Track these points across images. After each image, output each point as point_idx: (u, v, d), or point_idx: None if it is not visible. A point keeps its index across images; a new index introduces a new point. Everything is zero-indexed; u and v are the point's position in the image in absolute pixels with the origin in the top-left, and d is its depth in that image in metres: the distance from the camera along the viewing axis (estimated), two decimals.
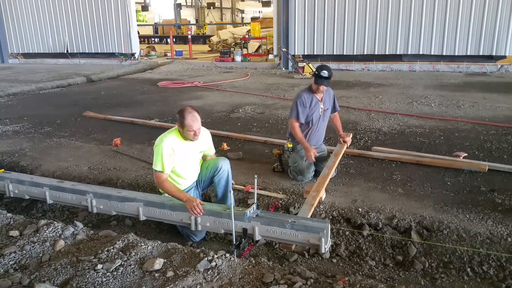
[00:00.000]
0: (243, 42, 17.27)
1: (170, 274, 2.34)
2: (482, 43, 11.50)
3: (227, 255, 2.53)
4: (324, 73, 3.79)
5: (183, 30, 30.72)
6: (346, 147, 4.24)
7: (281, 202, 3.60)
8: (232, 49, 17.71)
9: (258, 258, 2.63)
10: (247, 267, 2.43)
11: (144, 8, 32.81)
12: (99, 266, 2.42)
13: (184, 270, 2.37)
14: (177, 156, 3.13)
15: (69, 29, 16.65)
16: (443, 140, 5.24)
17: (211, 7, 36.95)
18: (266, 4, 31.98)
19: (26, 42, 17.42)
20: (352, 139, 4.38)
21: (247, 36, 17.93)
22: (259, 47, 17.61)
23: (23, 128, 6.51)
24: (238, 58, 15.46)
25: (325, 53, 13.00)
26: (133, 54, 16.22)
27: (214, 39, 23.44)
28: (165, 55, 19.64)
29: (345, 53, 12.85)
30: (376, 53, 12.55)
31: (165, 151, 3.06)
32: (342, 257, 3.03)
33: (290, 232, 2.72)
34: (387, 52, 12.47)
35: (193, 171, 3.39)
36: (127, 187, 4.02)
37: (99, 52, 16.57)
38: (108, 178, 4.31)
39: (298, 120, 3.94)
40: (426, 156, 4.52)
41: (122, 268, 2.41)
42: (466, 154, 4.50)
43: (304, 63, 11.82)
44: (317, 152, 4.12)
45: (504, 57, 11.52)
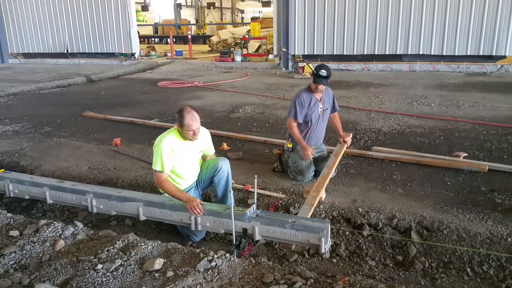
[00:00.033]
0: (243, 42, 17.27)
1: (170, 274, 2.35)
2: (482, 43, 11.50)
3: (227, 255, 2.53)
4: (323, 73, 3.79)
5: (183, 30, 30.72)
6: (346, 147, 4.24)
7: (281, 202, 3.60)
8: (232, 49, 17.71)
9: (258, 258, 2.63)
10: (247, 267, 2.43)
11: (144, 8, 32.81)
12: (99, 266, 2.42)
13: (184, 270, 2.37)
14: (176, 156, 3.13)
15: (69, 29, 16.65)
16: (443, 140, 5.24)
17: (211, 7, 36.96)
18: (266, 4, 31.98)
19: (26, 42, 17.43)
20: (352, 139, 4.38)
21: (247, 36, 17.93)
22: (259, 47, 17.62)
23: (23, 128, 6.51)
24: (238, 58, 15.46)
25: (325, 53, 13.01)
26: (133, 54, 16.22)
27: (214, 39, 23.44)
28: (165, 55, 19.64)
29: (345, 53, 12.86)
30: (376, 53, 12.55)
31: (164, 151, 3.06)
32: (342, 257, 3.03)
33: (290, 232, 2.72)
34: (387, 52, 12.47)
35: (193, 171, 3.39)
36: (127, 187, 4.02)
37: (99, 52, 16.58)
38: (108, 178, 4.32)
39: (296, 119, 3.94)
40: (426, 156, 4.52)
41: (122, 268, 2.41)
42: (466, 154, 4.50)
43: (304, 63, 11.81)
44: (317, 152, 4.13)
45: (504, 57, 11.53)
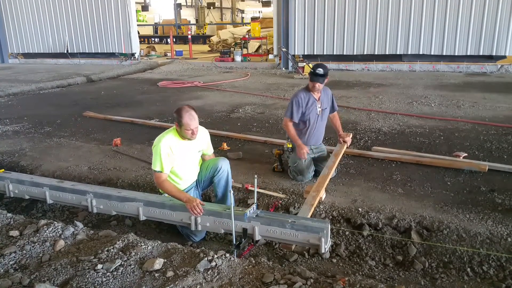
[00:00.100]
0: (243, 42, 17.27)
1: (170, 274, 2.35)
2: (482, 43, 11.50)
3: (227, 255, 2.53)
4: (319, 71, 3.80)
5: (183, 30, 30.73)
6: (346, 147, 4.24)
7: (281, 202, 3.60)
8: (232, 49, 17.71)
9: (258, 258, 2.63)
10: (247, 267, 2.43)
11: (144, 8, 32.82)
12: (99, 266, 2.42)
13: (184, 270, 2.37)
14: (175, 156, 3.13)
15: (69, 29, 16.65)
16: (443, 140, 5.24)
17: (211, 7, 36.96)
18: (266, 4, 31.98)
19: (26, 42, 17.43)
20: (352, 139, 4.38)
21: (247, 36, 17.93)
22: (259, 47, 17.62)
23: (23, 128, 6.51)
24: (238, 58, 15.46)
25: (325, 53, 13.00)
26: (133, 54, 16.22)
27: (214, 39, 23.44)
28: (165, 55, 19.64)
29: (345, 53, 12.86)
30: (376, 53, 12.55)
31: (163, 151, 3.06)
32: (342, 257, 3.03)
33: (290, 232, 2.72)
34: (387, 52, 12.47)
35: (192, 171, 3.39)
36: (127, 187, 4.02)
37: (99, 52, 16.58)
38: (108, 178, 4.32)
39: (292, 119, 3.95)
40: (426, 156, 4.52)
41: (122, 268, 2.41)
42: (466, 154, 4.50)
43: (304, 63, 11.82)
44: (316, 152, 4.14)
45: (504, 57, 11.52)
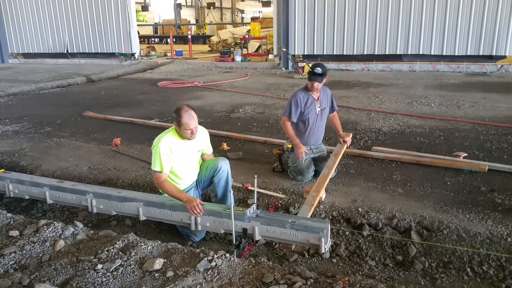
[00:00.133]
0: (243, 42, 17.27)
1: (170, 274, 2.35)
2: (482, 43, 11.50)
3: (227, 255, 2.53)
4: (318, 70, 3.81)
5: (183, 30, 30.72)
6: (346, 147, 4.24)
7: (281, 202, 3.60)
8: (232, 49, 17.70)
9: (258, 258, 2.63)
10: (247, 267, 2.43)
11: (144, 8, 32.81)
12: (99, 266, 2.42)
13: (184, 270, 2.37)
14: (175, 156, 3.13)
15: (69, 29, 16.65)
16: (443, 140, 5.24)
17: (211, 7, 36.95)
18: (266, 4, 31.97)
19: (26, 42, 17.42)
20: (352, 139, 4.38)
21: (247, 36, 17.92)
22: (259, 47, 17.61)
23: (23, 128, 6.51)
24: (238, 58, 15.46)
25: (325, 53, 13.00)
26: (133, 54, 16.22)
27: (214, 39, 23.44)
28: (165, 55, 19.63)
29: (345, 53, 12.85)
30: (376, 53, 12.55)
31: (162, 151, 3.06)
32: (342, 257, 3.03)
33: (290, 232, 2.73)
34: (387, 52, 12.47)
35: (192, 170, 3.39)
36: (127, 187, 4.02)
37: (99, 52, 16.57)
38: (108, 178, 4.32)
39: (290, 118, 3.96)
40: (426, 156, 4.52)
41: (122, 268, 2.41)
42: (466, 154, 4.50)
43: (304, 63, 11.81)
44: (316, 152, 4.14)
45: (504, 57, 11.52)
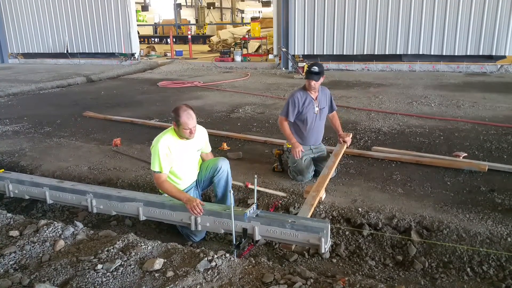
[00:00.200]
0: (243, 42, 17.26)
1: (170, 274, 2.35)
2: (482, 43, 11.50)
3: (227, 255, 2.53)
4: (314, 69, 3.83)
5: (183, 30, 30.71)
6: (346, 147, 4.24)
7: (281, 202, 3.60)
8: (232, 49, 17.70)
9: (258, 258, 2.63)
10: (247, 267, 2.43)
11: (144, 8, 32.79)
12: (99, 266, 2.42)
13: (184, 270, 2.37)
14: (174, 156, 3.12)
15: (69, 29, 16.65)
16: (443, 140, 5.24)
17: (211, 7, 36.95)
18: (266, 4, 31.98)
19: (26, 42, 17.42)
20: (352, 139, 4.38)
21: (247, 36, 17.92)
22: (259, 47, 17.61)
23: (23, 128, 6.51)
24: (238, 58, 15.45)
25: (325, 53, 13.00)
26: (133, 54, 16.21)
27: (214, 39, 23.44)
28: (165, 55, 19.63)
29: (345, 53, 12.85)
30: (376, 53, 12.54)
31: (161, 151, 3.06)
32: (342, 257, 3.03)
33: (290, 232, 2.73)
34: (387, 52, 12.47)
35: (192, 170, 3.39)
36: (127, 187, 4.03)
37: (99, 52, 16.57)
38: (108, 178, 4.32)
39: (287, 118, 3.97)
40: (426, 156, 4.52)
41: (122, 268, 2.41)
42: (466, 154, 4.50)
43: (304, 63, 11.80)
44: (316, 152, 4.14)
45: (504, 57, 11.52)
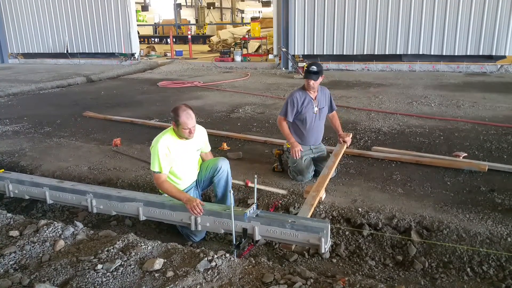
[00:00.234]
0: (243, 42, 17.27)
1: (170, 274, 2.35)
2: (482, 43, 11.50)
3: (227, 255, 2.54)
4: (313, 68, 3.83)
5: (183, 30, 30.70)
6: (346, 147, 4.24)
7: (281, 202, 3.60)
8: (232, 49, 17.70)
9: (258, 258, 2.63)
10: (247, 267, 2.43)
11: (144, 8, 32.78)
12: (99, 266, 2.42)
13: (184, 270, 2.37)
14: (173, 156, 3.12)
15: (69, 29, 16.64)
16: (443, 140, 5.24)
17: (211, 7, 36.93)
18: (266, 4, 31.97)
19: (26, 42, 17.42)
20: (352, 139, 4.38)
21: (247, 36, 17.92)
22: (259, 47, 17.61)
23: (23, 128, 6.51)
24: (238, 58, 15.45)
25: (325, 53, 13.00)
26: (133, 54, 16.21)
27: (214, 39, 23.43)
28: (165, 55, 19.63)
29: (345, 53, 12.85)
30: (376, 53, 12.54)
31: (161, 152, 3.06)
32: (342, 257, 3.03)
33: (290, 232, 2.73)
34: (387, 52, 12.46)
35: (192, 170, 3.39)
36: (127, 187, 4.03)
37: (99, 52, 16.56)
38: (108, 178, 4.32)
39: (286, 117, 3.97)
40: (426, 156, 4.52)
41: (122, 268, 2.41)
42: (466, 154, 4.50)
43: (304, 63, 11.80)
44: (316, 152, 4.14)
45: (504, 57, 11.52)
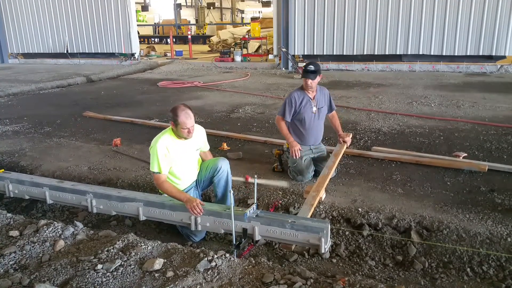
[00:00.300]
0: (243, 42, 17.28)
1: (170, 274, 2.35)
2: (482, 43, 11.50)
3: (227, 255, 2.54)
4: (310, 67, 3.85)
5: (183, 30, 30.71)
6: (346, 147, 4.25)
7: (281, 202, 3.60)
8: (232, 49, 17.71)
9: (258, 258, 2.63)
10: (247, 267, 2.43)
11: (144, 8, 32.80)
12: (99, 266, 2.42)
13: (184, 270, 2.38)
14: (173, 156, 3.12)
15: (69, 29, 16.65)
16: (443, 140, 5.24)
17: (211, 7, 36.94)
18: (266, 4, 32.01)
19: (26, 42, 17.42)
20: (352, 139, 4.39)
21: (247, 36, 17.94)
22: (259, 47, 17.61)
23: (23, 128, 6.51)
24: (238, 58, 15.45)
25: (325, 53, 13.00)
26: (133, 54, 16.21)
27: (214, 39, 23.43)
28: (165, 55, 19.64)
29: (345, 53, 12.85)
30: (376, 53, 12.55)
31: (160, 152, 3.06)
32: (342, 257, 3.03)
33: (290, 232, 2.73)
34: (387, 52, 12.47)
35: (191, 170, 3.39)
36: (127, 187, 4.03)
37: (99, 52, 16.57)
38: (108, 178, 4.32)
39: (284, 117, 3.98)
40: (425, 156, 4.52)
41: (122, 268, 2.41)
42: (466, 154, 4.50)
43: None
44: (316, 152, 4.14)
45: (503, 57, 11.52)
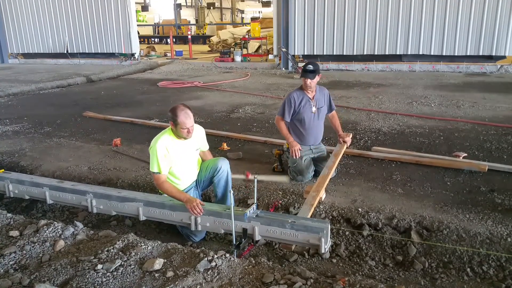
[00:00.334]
0: (243, 42, 17.28)
1: (170, 274, 2.35)
2: (482, 43, 11.50)
3: (227, 255, 2.54)
4: (309, 67, 3.86)
5: (183, 30, 30.71)
6: (346, 147, 4.25)
7: (281, 202, 3.60)
8: (232, 49, 17.71)
9: (258, 258, 2.63)
10: (247, 267, 2.43)
11: (144, 8, 32.79)
12: (99, 266, 2.42)
13: (184, 270, 2.38)
14: (172, 156, 3.12)
15: (69, 29, 16.65)
16: (443, 140, 5.24)
17: (211, 7, 36.94)
18: (266, 4, 32.01)
19: (26, 42, 17.42)
20: (352, 139, 4.38)
21: (247, 36, 17.93)
22: (259, 47, 17.61)
23: (23, 128, 6.51)
24: (238, 58, 15.45)
25: (325, 53, 13.01)
26: (133, 54, 16.21)
27: (214, 39, 23.43)
28: (165, 55, 19.64)
29: (345, 53, 12.86)
30: (376, 53, 12.55)
31: (159, 152, 3.06)
32: (342, 257, 3.03)
33: (290, 232, 2.73)
34: (387, 52, 12.47)
35: (191, 170, 3.39)
36: (127, 187, 4.03)
37: (99, 52, 16.57)
38: (108, 178, 4.32)
39: (283, 117, 3.99)
40: (425, 156, 4.52)
41: (122, 268, 2.41)
42: (466, 154, 4.50)
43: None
44: (316, 152, 4.14)
45: (503, 57, 11.52)
